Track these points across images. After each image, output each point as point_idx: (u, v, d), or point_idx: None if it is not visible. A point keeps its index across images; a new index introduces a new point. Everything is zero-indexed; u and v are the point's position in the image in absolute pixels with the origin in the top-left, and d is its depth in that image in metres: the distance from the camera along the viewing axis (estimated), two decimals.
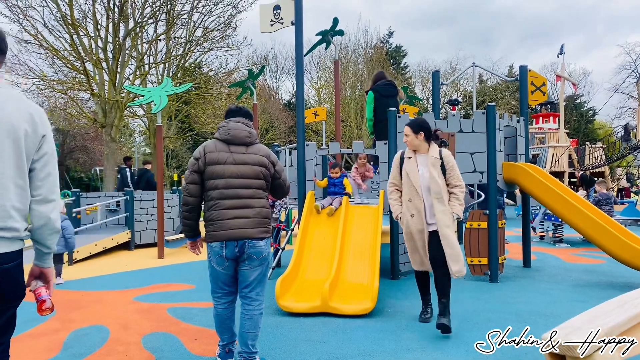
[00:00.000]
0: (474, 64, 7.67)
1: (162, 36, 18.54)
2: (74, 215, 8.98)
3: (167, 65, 19.52)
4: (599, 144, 24.94)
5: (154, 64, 19.01)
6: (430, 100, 27.86)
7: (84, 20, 16.20)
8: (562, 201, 5.59)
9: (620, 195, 23.13)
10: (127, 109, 18.82)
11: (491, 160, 5.77)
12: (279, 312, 4.51)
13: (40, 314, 1.85)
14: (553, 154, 21.92)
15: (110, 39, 16.78)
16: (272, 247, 3.33)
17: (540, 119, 27.62)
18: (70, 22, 15.45)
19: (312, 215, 5.74)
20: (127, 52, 17.46)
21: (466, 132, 5.89)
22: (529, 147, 7.24)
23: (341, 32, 8.70)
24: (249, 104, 19.85)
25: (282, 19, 6.13)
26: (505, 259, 6.14)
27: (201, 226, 3.14)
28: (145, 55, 18.80)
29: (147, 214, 9.70)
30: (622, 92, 33.71)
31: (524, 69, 6.88)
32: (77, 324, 4.34)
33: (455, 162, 3.97)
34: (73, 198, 9.76)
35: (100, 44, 16.59)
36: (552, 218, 9.23)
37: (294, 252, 5.21)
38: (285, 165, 7.78)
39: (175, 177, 28.99)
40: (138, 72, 18.38)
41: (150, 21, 17.31)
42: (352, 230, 5.52)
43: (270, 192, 3.26)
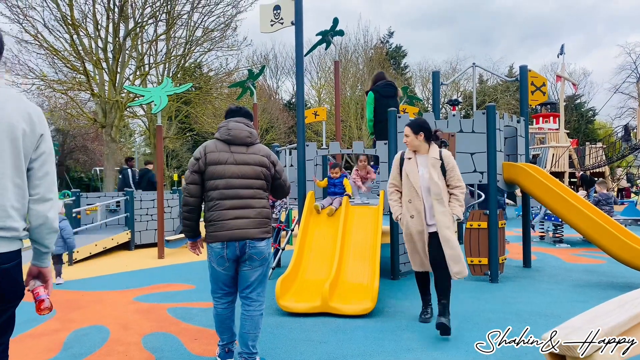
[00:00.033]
0: (474, 64, 7.67)
1: (162, 36, 18.54)
2: (74, 215, 8.99)
3: (167, 66, 19.53)
4: (599, 144, 24.96)
5: (154, 64, 19.02)
6: (431, 101, 27.87)
7: (84, 20, 16.20)
8: (562, 201, 5.60)
9: (621, 196, 23.14)
10: (127, 109, 18.82)
11: (491, 161, 5.77)
12: (279, 312, 4.51)
13: (39, 314, 1.85)
14: (553, 154, 21.93)
15: (110, 39, 16.78)
16: (272, 248, 3.33)
17: (541, 119, 27.65)
18: (70, 22, 15.44)
19: (312, 215, 5.74)
20: (127, 52, 17.46)
21: (466, 132, 5.89)
22: (529, 147, 7.24)
23: (341, 32, 8.70)
24: (249, 104, 19.85)
25: (282, 19, 6.13)
26: (505, 259, 6.14)
27: (201, 226, 3.14)
28: (146, 56, 18.81)
29: (147, 214, 9.70)
30: (622, 92, 33.77)
31: (524, 69, 6.89)
32: (77, 324, 4.33)
33: (456, 163, 3.95)
34: (73, 198, 9.76)
35: (100, 44, 16.59)
36: (552, 218, 9.22)
37: (294, 252, 5.21)
38: (286, 166, 7.78)
39: (176, 177, 28.99)
40: (138, 73, 18.39)
41: (150, 21, 17.31)
42: (352, 230, 5.52)
43: (271, 193, 3.26)
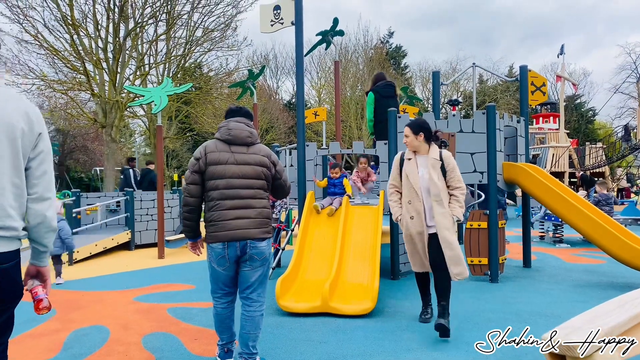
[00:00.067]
0: (474, 64, 7.66)
1: (162, 36, 18.54)
2: (74, 215, 8.99)
3: (167, 66, 19.52)
4: (599, 144, 24.96)
5: (154, 64, 19.01)
6: (431, 101, 27.87)
7: (84, 20, 16.19)
8: (562, 201, 5.59)
9: (620, 196, 23.14)
10: (128, 109, 18.80)
11: (491, 161, 5.77)
12: (279, 312, 4.52)
13: (38, 313, 1.84)
14: (553, 154, 21.94)
15: (110, 39, 16.77)
16: (272, 248, 3.32)
17: (541, 119, 27.67)
18: (70, 22, 15.43)
19: (312, 215, 5.74)
20: (128, 52, 17.45)
21: (466, 132, 5.89)
22: (529, 147, 7.24)
23: (341, 33, 8.71)
24: (249, 104, 19.84)
25: (282, 19, 6.13)
26: (505, 259, 6.14)
27: (201, 226, 3.13)
28: (146, 56, 18.80)
29: (147, 214, 9.70)
30: (622, 92, 33.76)
31: (524, 69, 6.89)
32: (77, 324, 4.34)
33: (456, 164, 3.92)
34: (73, 198, 9.76)
35: (100, 44, 16.58)
36: (552, 218, 9.22)
37: (294, 252, 5.21)
38: (286, 166, 7.78)
39: (176, 177, 28.97)
40: (138, 73, 18.38)
41: (150, 21, 17.30)
42: (352, 230, 5.52)
43: (271, 193, 3.25)
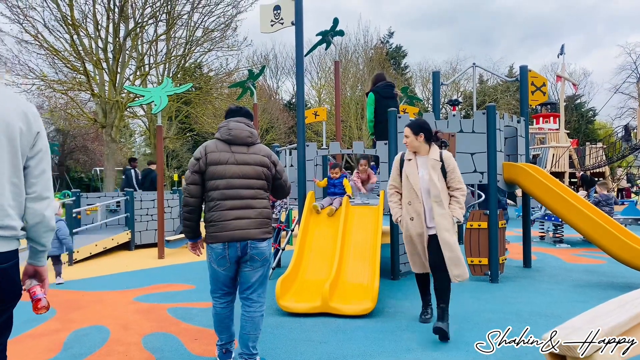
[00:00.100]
0: (474, 64, 7.66)
1: (163, 36, 18.54)
2: (74, 215, 8.99)
3: (167, 66, 19.52)
4: (599, 144, 24.96)
5: (154, 65, 19.01)
6: (431, 101, 27.87)
7: (84, 20, 16.19)
8: (563, 201, 5.59)
9: (621, 196, 23.13)
10: (128, 110, 18.80)
11: (491, 161, 5.77)
12: (279, 312, 4.51)
13: (36, 313, 1.84)
14: (553, 154, 21.95)
15: (110, 39, 16.77)
16: (272, 248, 3.32)
17: (541, 119, 27.67)
18: (70, 22, 15.44)
19: (312, 215, 5.74)
20: (128, 52, 17.45)
21: (466, 133, 5.89)
22: (529, 147, 7.24)
23: (341, 33, 8.71)
24: (249, 105, 19.84)
25: (282, 19, 6.13)
26: (505, 259, 6.14)
27: (202, 227, 3.13)
28: (146, 56, 18.81)
29: (147, 214, 9.70)
30: (623, 92, 33.73)
31: (524, 69, 6.88)
32: (77, 324, 4.33)
33: (457, 165, 3.89)
34: (73, 198, 9.76)
35: (100, 44, 16.59)
36: (553, 218, 9.22)
37: (294, 252, 5.21)
38: (286, 166, 7.78)
39: (176, 178, 28.98)
40: (138, 73, 18.38)
41: (150, 21, 17.30)
42: (352, 230, 5.52)
43: (271, 193, 3.24)
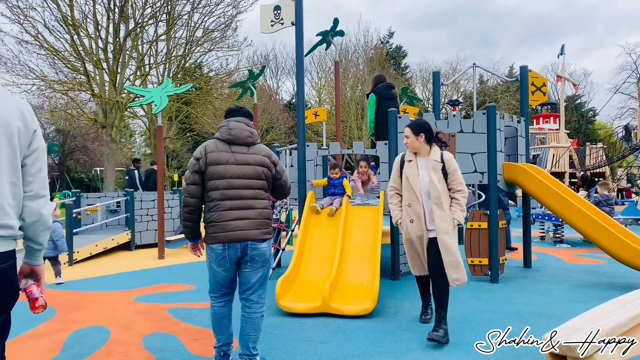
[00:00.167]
0: (474, 64, 7.66)
1: (163, 37, 18.55)
2: (74, 215, 8.99)
3: (167, 66, 19.53)
4: (599, 145, 24.96)
5: (154, 65, 19.02)
6: (431, 101, 27.85)
7: (84, 20, 16.20)
8: (563, 201, 5.59)
9: (621, 196, 23.12)
10: (128, 110, 18.80)
11: (492, 161, 5.77)
12: (280, 312, 4.51)
13: (34, 312, 1.83)
14: (553, 154, 21.96)
15: (110, 39, 16.78)
16: (272, 248, 3.32)
17: (541, 119, 27.69)
18: (70, 22, 15.44)
19: (313, 215, 5.73)
20: (128, 52, 17.46)
21: (467, 133, 5.89)
22: (530, 147, 7.23)
23: (341, 33, 8.71)
24: (250, 105, 19.84)
25: (282, 19, 6.13)
26: (505, 260, 6.14)
27: (201, 227, 3.13)
28: (146, 56, 18.82)
29: (147, 215, 9.70)
30: (623, 92, 33.68)
31: (524, 70, 6.88)
32: (78, 325, 4.33)
33: (458, 166, 3.81)
34: (73, 198, 9.76)
35: (100, 44, 16.59)
36: (553, 218, 9.21)
37: (295, 252, 5.21)
38: (286, 166, 7.78)
39: (176, 178, 28.98)
40: (138, 73, 18.39)
41: (150, 22, 17.31)
42: (352, 230, 5.52)
43: (271, 193, 3.23)
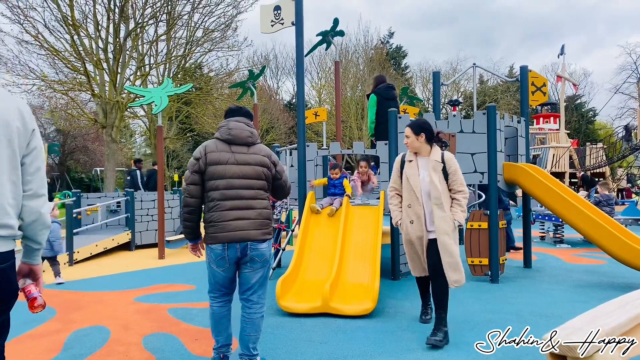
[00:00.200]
0: (474, 64, 7.66)
1: (163, 37, 18.55)
2: (74, 215, 8.99)
3: (167, 66, 19.52)
4: (599, 145, 24.96)
5: (154, 65, 19.02)
6: (431, 101, 27.84)
7: (84, 21, 16.20)
8: (563, 201, 5.59)
9: (621, 196, 23.12)
10: (128, 110, 18.80)
11: (492, 161, 5.77)
12: (280, 312, 4.51)
13: (32, 312, 1.83)
14: (554, 154, 21.97)
15: (110, 39, 16.77)
16: (272, 248, 3.31)
17: (541, 119, 27.68)
18: (70, 22, 15.44)
19: (313, 215, 5.73)
20: (128, 52, 17.46)
21: (467, 133, 5.89)
22: (530, 147, 7.23)
23: (341, 33, 8.71)
24: (250, 105, 19.84)
25: (282, 19, 6.13)
26: (505, 260, 6.14)
27: (201, 227, 3.12)
28: (146, 56, 18.82)
29: (147, 215, 9.70)
30: (623, 92, 33.67)
31: (524, 70, 6.88)
32: (78, 325, 4.34)
33: (459, 167, 3.77)
34: (73, 198, 9.76)
35: (100, 44, 16.59)
36: (553, 218, 9.21)
37: (295, 252, 5.21)
38: (286, 166, 7.78)
39: (176, 178, 28.98)
40: (139, 73, 18.39)
41: (150, 22, 17.31)
42: (352, 230, 5.52)
43: (271, 193, 3.22)
